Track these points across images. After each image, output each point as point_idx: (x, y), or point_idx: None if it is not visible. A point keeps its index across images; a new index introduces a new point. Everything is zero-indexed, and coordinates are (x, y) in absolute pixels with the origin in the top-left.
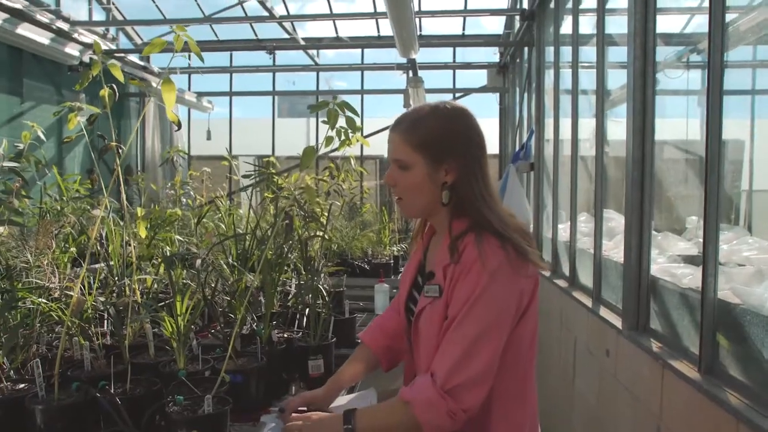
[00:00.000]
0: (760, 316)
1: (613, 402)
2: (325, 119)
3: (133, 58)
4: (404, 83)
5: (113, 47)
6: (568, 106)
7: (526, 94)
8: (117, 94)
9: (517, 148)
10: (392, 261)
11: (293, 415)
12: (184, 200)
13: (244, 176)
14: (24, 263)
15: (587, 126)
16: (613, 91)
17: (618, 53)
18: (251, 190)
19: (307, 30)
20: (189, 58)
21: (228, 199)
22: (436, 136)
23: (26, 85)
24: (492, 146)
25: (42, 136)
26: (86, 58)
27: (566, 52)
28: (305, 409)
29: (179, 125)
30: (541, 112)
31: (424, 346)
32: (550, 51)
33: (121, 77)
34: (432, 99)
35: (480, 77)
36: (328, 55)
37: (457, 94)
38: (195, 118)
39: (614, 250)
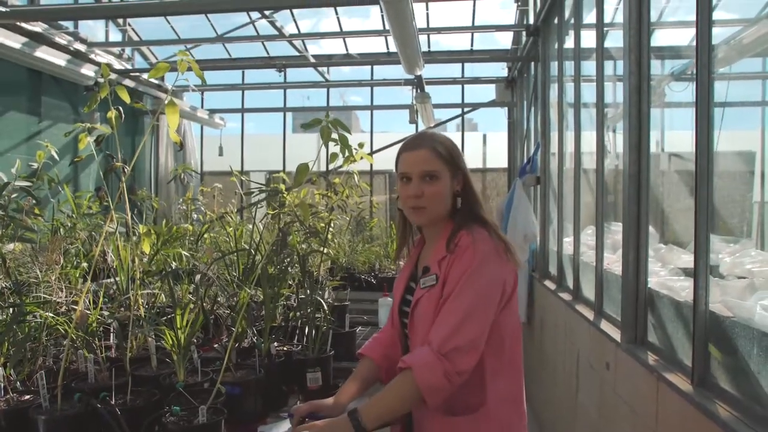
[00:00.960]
0: (749, 328)
1: (612, 415)
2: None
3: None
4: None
5: (128, 67)
6: (572, 120)
7: (533, 108)
8: (123, 115)
9: (524, 162)
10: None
11: (298, 427)
12: (195, 216)
13: (246, 194)
14: (34, 279)
15: (591, 139)
16: (621, 104)
17: (622, 68)
18: (256, 206)
19: (321, 46)
20: (203, 77)
21: (238, 214)
22: (452, 152)
23: (44, 104)
24: (501, 160)
25: (55, 155)
26: (102, 79)
27: (570, 66)
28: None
29: (181, 146)
30: (546, 126)
31: (422, 330)
32: (554, 65)
33: (127, 99)
34: (441, 114)
35: (489, 91)
36: (343, 71)
37: (466, 109)
38: (207, 135)
39: (617, 263)
